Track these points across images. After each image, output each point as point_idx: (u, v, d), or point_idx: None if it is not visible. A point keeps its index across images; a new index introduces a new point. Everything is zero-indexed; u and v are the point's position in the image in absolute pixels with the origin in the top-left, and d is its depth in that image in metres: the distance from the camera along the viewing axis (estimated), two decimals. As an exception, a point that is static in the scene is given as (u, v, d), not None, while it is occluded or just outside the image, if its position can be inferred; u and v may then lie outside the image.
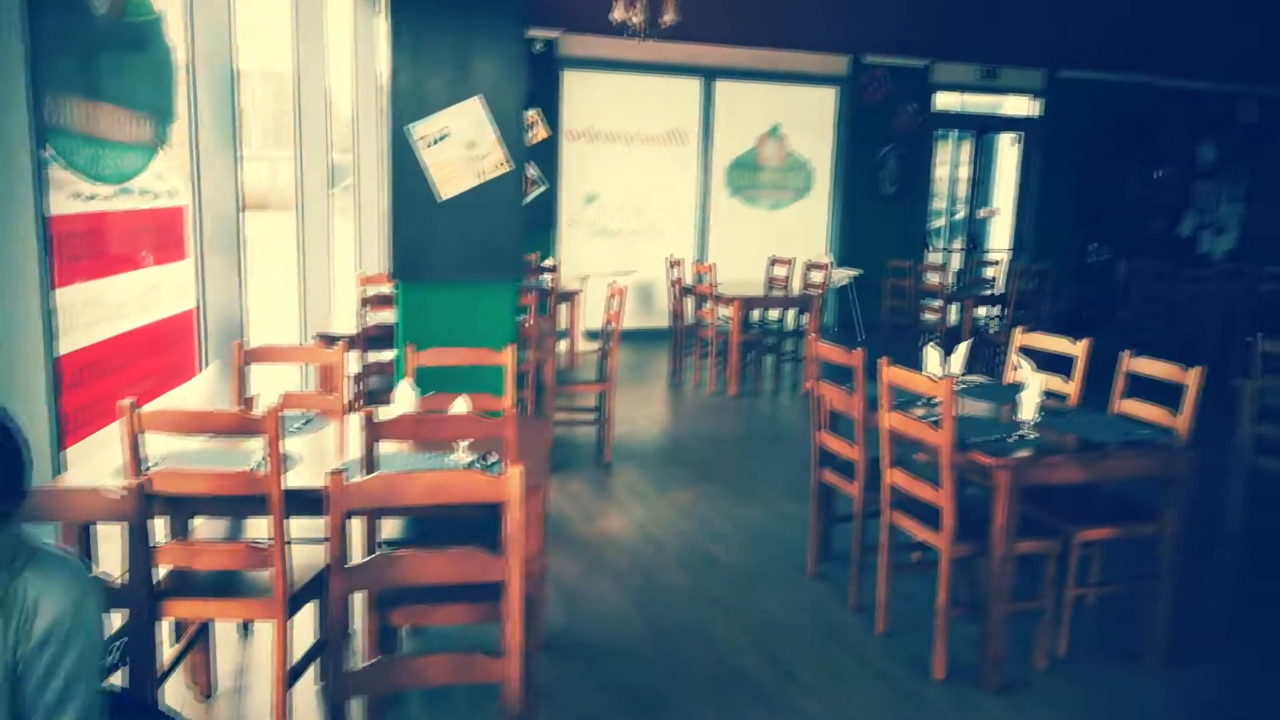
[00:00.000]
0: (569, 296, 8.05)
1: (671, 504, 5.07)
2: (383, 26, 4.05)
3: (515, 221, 4.15)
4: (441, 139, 4.06)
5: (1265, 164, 12.64)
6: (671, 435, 6.59)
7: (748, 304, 7.69)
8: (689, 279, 8.50)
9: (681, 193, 10.71)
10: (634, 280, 10.26)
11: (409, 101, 3.98)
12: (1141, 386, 3.71)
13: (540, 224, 9.86)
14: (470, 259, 4.11)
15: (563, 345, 8.60)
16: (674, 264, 8.34)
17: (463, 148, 4.08)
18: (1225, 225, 12.73)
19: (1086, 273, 11.94)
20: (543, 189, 9.85)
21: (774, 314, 9.14)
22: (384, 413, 2.80)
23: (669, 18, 6.69)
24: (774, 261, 8.76)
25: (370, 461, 2.61)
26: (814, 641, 3.59)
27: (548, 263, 8.27)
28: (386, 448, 2.98)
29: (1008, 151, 12.17)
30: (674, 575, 4.16)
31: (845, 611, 3.84)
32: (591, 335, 9.10)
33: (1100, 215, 11.93)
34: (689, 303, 8.37)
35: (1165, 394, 3.53)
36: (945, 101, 11.43)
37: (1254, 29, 9.09)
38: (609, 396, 5.67)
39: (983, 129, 11.79)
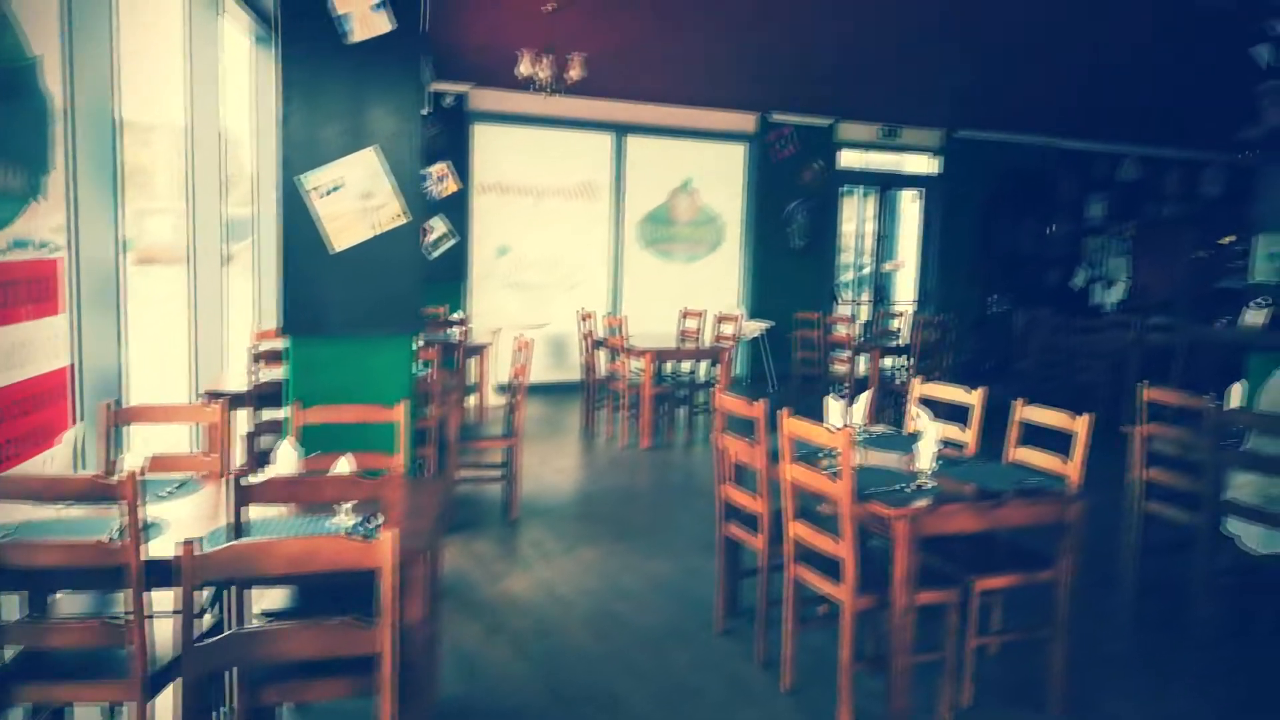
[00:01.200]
0: (478, 350, 7.92)
1: (579, 561, 4.95)
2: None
3: (413, 273, 4.05)
4: (335, 190, 3.95)
5: (1146, 220, 13.35)
6: (582, 490, 6.48)
7: (659, 356, 7.68)
8: (601, 332, 8.47)
9: (595, 246, 10.74)
10: (547, 333, 10.19)
11: (301, 151, 3.87)
12: (1038, 434, 3.78)
13: (451, 277, 9.75)
14: (365, 312, 3.98)
15: (473, 400, 8.45)
16: (585, 317, 8.31)
17: (357, 199, 3.98)
18: (1114, 278, 13.34)
19: (987, 324, 12.33)
20: (454, 242, 9.74)
21: (686, 366, 9.16)
22: (269, 473, 2.65)
23: (575, 74, 6.73)
24: (685, 314, 8.80)
25: (239, 528, 2.45)
26: (721, 703, 3.50)
27: (456, 316, 8.14)
28: (265, 512, 2.82)
29: (910, 207, 12.58)
30: (579, 637, 4.03)
31: (752, 668, 3.77)
32: (502, 389, 8.95)
33: (999, 268, 12.38)
34: (601, 355, 8.33)
35: (1061, 442, 3.59)
36: (850, 159, 11.78)
37: (1134, 95, 9.63)
38: (516, 452, 5.54)
39: (886, 185, 12.17)
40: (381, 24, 3.91)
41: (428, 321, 7.98)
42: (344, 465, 2.81)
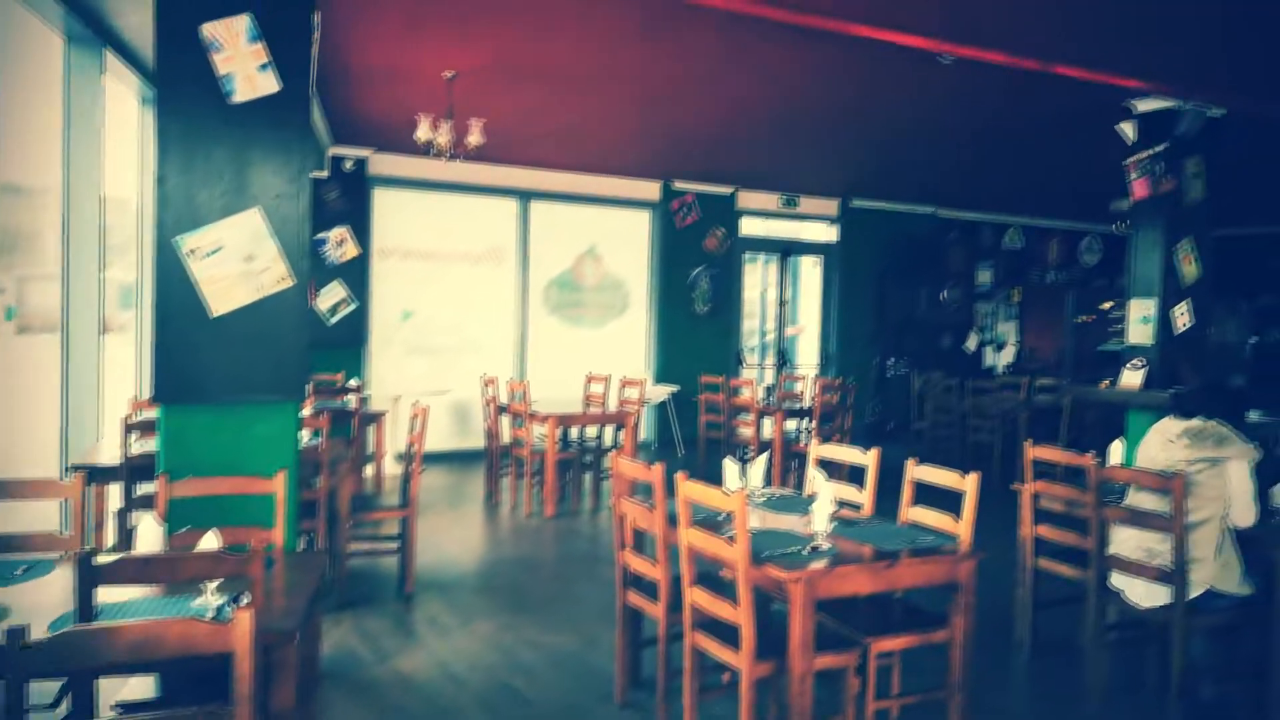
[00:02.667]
0: (375, 418, 7.70)
1: (476, 636, 4.76)
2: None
3: (298, 338, 3.90)
4: (215, 252, 3.79)
5: (1031, 286, 14.02)
6: (481, 561, 6.28)
7: (564, 421, 7.59)
8: (504, 397, 8.34)
9: (500, 311, 10.65)
10: (450, 400, 10.00)
11: (179, 212, 3.71)
12: (933, 494, 3.83)
13: (350, 343, 9.52)
14: (246, 378, 3.80)
15: (370, 469, 8.18)
16: (489, 382, 8.18)
17: (240, 261, 3.83)
18: (1004, 341, 13.90)
19: (886, 386, 12.65)
20: (353, 307, 9.53)
21: (592, 431, 9.08)
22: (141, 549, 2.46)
23: (474, 140, 6.73)
24: (590, 379, 8.76)
25: (87, 612, 2.26)
26: (619, 780, 3.37)
27: (352, 383, 7.91)
28: (127, 593, 2.61)
29: (811, 273, 12.91)
30: (473, 717, 3.84)
31: (653, 743, 3.65)
32: (401, 458, 8.70)
33: (896, 332, 12.76)
34: (505, 421, 8.19)
35: (954, 500, 3.64)
36: (751, 226, 12.06)
37: (1014, 171, 10.16)
38: (411, 522, 5.35)
39: (787, 252, 12.48)
40: (268, 84, 3.82)
41: (323, 389, 7.73)
42: (210, 541, 2.64)
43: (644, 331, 11.51)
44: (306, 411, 5.45)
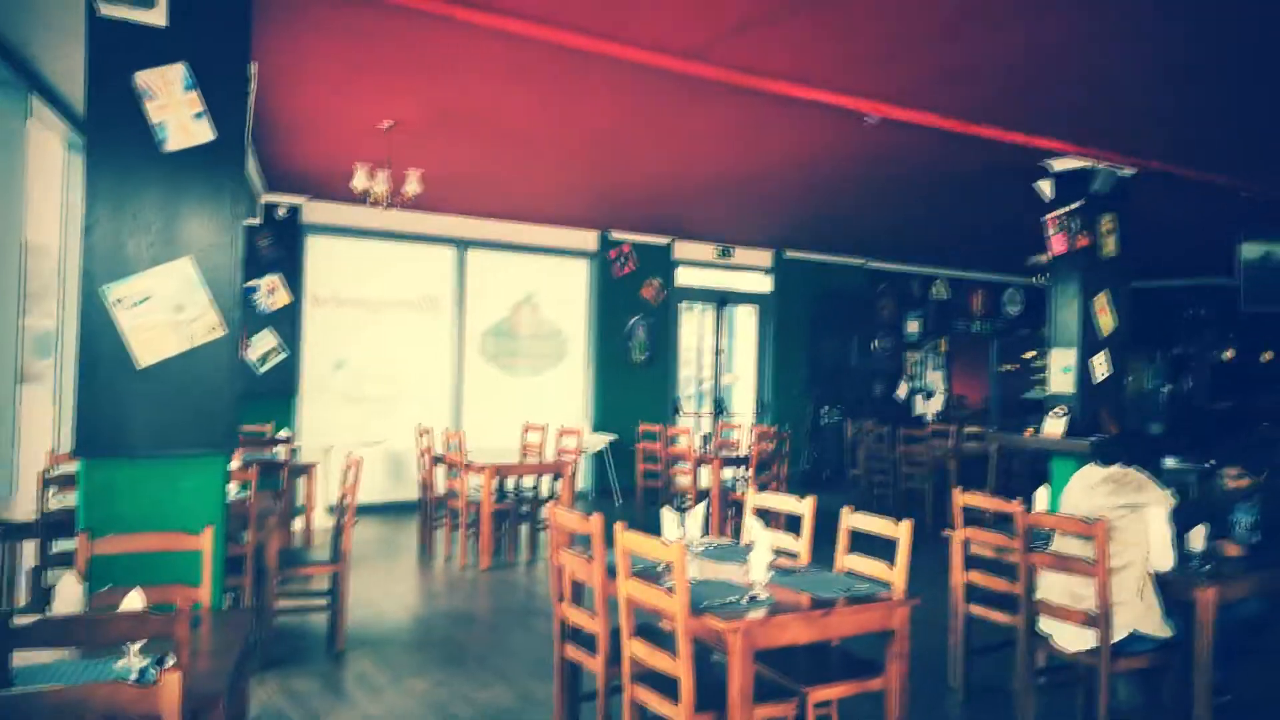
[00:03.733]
0: (305, 470, 7.53)
1: (409, 693, 4.64)
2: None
3: (228, 389, 3.81)
4: (143, 301, 3.71)
5: (957, 336, 14.44)
6: (415, 615, 6.15)
7: (500, 471, 7.52)
8: (440, 447, 8.23)
9: (436, 359, 10.56)
10: (384, 450, 9.84)
11: (106, 261, 3.63)
12: (868, 541, 3.88)
13: (280, 393, 9.32)
14: (173, 431, 3.70)
15: (300, 523, 7.97)
16: (423, 432, 8.08)
17: (169, 311, 3.75)
18: (933, 390, 14.24)
19: (821, 434, 12.82)
20: (284, 356, 9.36)
21: (529, 481, 9.00)
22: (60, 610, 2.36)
23: (412, 189, 6.72)
24: (527, 428, 8.71)
25: (3, 677, 2.15)
26: (557, 840, 3.30)
27: (283, 434, 7.74)
28: (44, 656, 2.50)
29: (747, 322, 13.10)
30: (406, 778, 3.73)
31: (592, 801, 3.58)
32: (333, 510, 8.50)
33: (830, 380, 12.99)
34: (440, 472, 8.08)
35: (889, 548, 3.69)
36: (688, 276, 12.22)
37: (938, 227, 10.51)
38: (343, 577, 5.22)
39: (723, 301, 12.65)
40: (203, 133, 3.78)
41: (251, 440, 7.55)
42: (134, 600, 2.55)
43: (581, 380, 11.51)
44: (235, 464, 5.31)
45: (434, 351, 10.55)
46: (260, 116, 6.30)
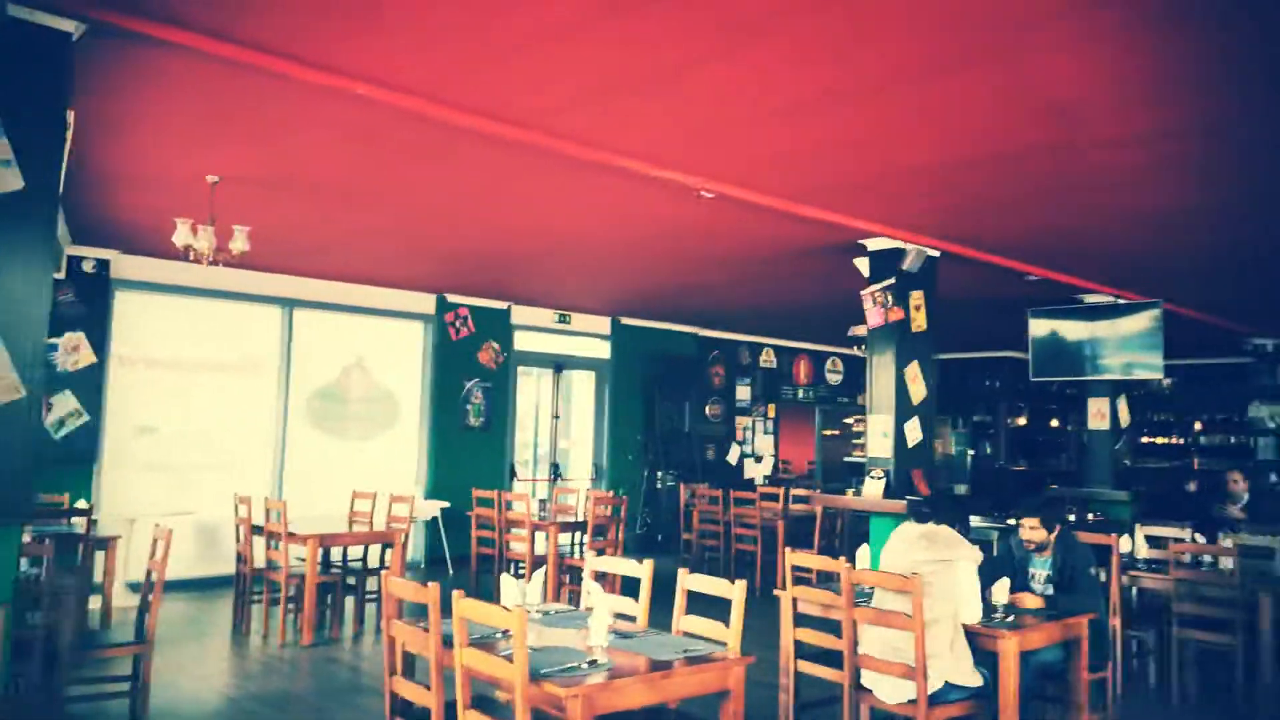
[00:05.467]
0: (105, 543, 6.92)
1: (221, 786, 4.29)
2: None
3: (24, 456, 3.50)
4: (-73, 358, 3.37)
5: (784, 402, 15.10)
6: (227, 699, 5.71)
7: (325, 541, 7.17)
8: (259, 517, 7.77)
9: (257, 424, 10.02)
10: (196, 521, 9.18)
11: (-116, 313, 3.29)
12: (704, 602, 3.96)
13: (77, 460, 8.57)
14: (-44, 502, 3.35)
15: (98, 601, 7.29)
16: (242, 501, 7.61)
17: (-42, 369, 3.42)
18: (762, 454, 14.77)
19: (656, 498, 13.00)
20: (84, 420, 8.64)
21: (356, 551, 8.61)
22: None
23: (239, 246, 6.45)
24: (356, 495, 8.38)
25: None
26: None
27: (80, 505, 7.10)
28: None
29: (584, 387, 13.21)
30: None
31: None
32: (135, 587, 7.83)
33: (665, 445, 13.23)
34: (259, 543, 7.61)
35: (725, 608, 3.77)
36: (526, 340, 12.23)
37: (767, 294, 11.04)
38: (145, 660, 4.80)
39: (560, 367, 12.72)
40: (12, 181, 3.53)
41: (46, 511, 6.89)
42: (-96, 693, 2.26)
43: (415, 445, 11.22)
44: (26, 538, 4.83)
45: (255, 415, 10.00)
46: (71, 164, 5.91)
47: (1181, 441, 14.87)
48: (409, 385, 11.22)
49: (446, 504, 10.55)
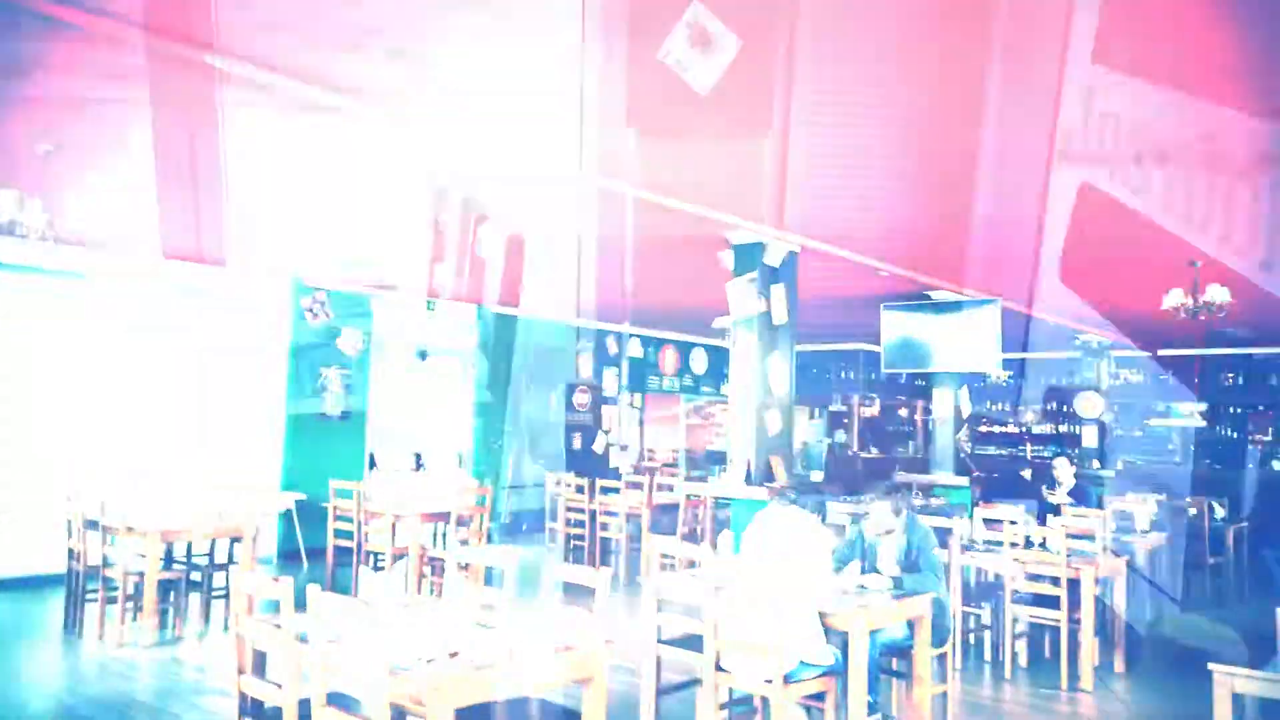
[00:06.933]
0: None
1: (49, 798, 4.01)
2: None
3: None
4: None
5: (650, 392, 15.29)
6: (59, 705, 5.33)
7: (169, 536, 6.79)
8: (93, 510, 7.25)
9: (100, 410, 9.35)
10: (14, 516, 8.50)
11: None
12: (570, 590, 3.97)
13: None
14: None
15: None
16: (74, 494, 7.09)
17: None
18: (628, 443, 14.91)
19: (521, 487, 12.93)
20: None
21: (203, 546, 8.17)
22: None
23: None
24: (204, 488, 7.96)
25: None
26: None
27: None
28: None
29: (449, 375, 12.96)
30: None
31: None
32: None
33: (531, 434, 13.16)
34: (94, 538, 7.11)
35: (590, 596, 3.79)
36: (388, 327, 11.88)
37: (636, 283, 11.12)
38: (-36, 667, 4.43)
39: (425, 354, 12.43)
40: None
41: None
42: None
43: (268, 434, 10.73)
44: None
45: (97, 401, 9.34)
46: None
47: (1017, 430, 15.92)
48: (264, 372, 10.72)
49: (302, 495, 10.16)
